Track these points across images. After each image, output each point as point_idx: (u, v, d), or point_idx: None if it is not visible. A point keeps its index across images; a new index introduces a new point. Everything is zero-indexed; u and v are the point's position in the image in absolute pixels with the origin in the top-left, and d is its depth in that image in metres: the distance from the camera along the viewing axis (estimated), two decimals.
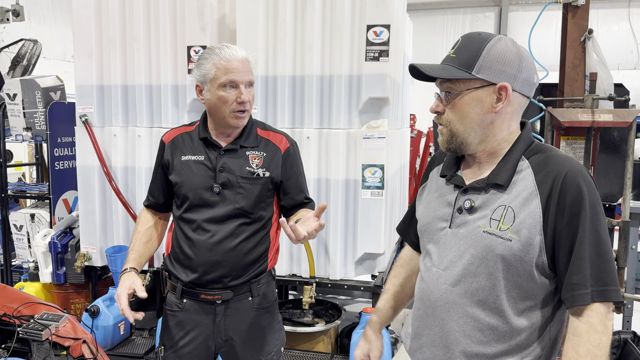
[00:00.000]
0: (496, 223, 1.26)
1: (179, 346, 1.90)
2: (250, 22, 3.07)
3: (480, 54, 1.28)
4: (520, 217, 1.23)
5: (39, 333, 1.85)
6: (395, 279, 1.66)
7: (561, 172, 1.23)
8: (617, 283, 1.22)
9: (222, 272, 1.84)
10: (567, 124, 2.91)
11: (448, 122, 1.32)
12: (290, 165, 1.92)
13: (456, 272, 1.31)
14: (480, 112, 1.29)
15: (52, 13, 9.69)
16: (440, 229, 1.37)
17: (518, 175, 1.28)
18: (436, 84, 1.34)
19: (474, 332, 1.29)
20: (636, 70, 9.82)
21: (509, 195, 1.27)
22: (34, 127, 4.10)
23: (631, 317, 3.54)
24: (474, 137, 1.31)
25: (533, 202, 1.24)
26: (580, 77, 3.14)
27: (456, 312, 1.31)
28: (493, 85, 1.27)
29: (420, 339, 1.41)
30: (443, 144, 1.35)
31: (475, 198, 1.32)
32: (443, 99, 1.33)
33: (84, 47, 3.34)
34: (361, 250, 3.07)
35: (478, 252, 1.28)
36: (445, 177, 1.42)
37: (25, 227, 4.29)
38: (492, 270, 1.26)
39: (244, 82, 1.78)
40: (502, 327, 1.27)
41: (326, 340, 3.35)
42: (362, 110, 3.00)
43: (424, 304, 1.40)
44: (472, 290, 1.29)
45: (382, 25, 2.89)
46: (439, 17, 10.85)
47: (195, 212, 1.85)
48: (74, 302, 3.75)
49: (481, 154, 1.34)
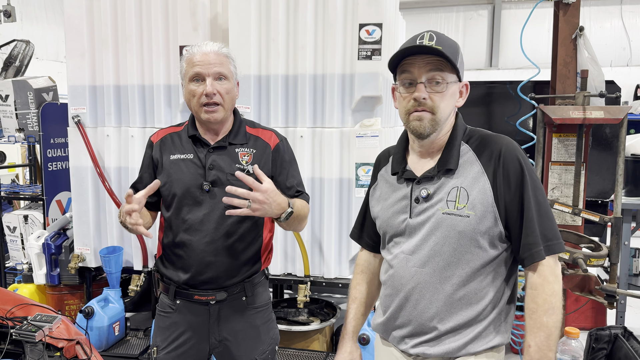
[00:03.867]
0: (453, 204, 1.39)
1: (173, 347, 1.89)
2: (243, 22, 3.06)
3: (459, 51, 1.42)
4: (473, 194, 1.37)
5: (32, 334, 1.84)
6: (359, 286, 1.71)
7: (500, 149, 1.39)
8: (560, 236, 1.38)
9: (215, 273, 1.83)
10: (558, 121, 2.93)
11: (436, 109, 1.39)
12: (281, 161, 1.91)
13: (423, 254, 1.42)
14: (453, 104, 1.43)
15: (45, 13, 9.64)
16: (402, 221, 1.47)
17: (462, 159, 1.42)
18: (416, 71, 1.39)
19: (445, 306, 1.41)
20: (628, 67, 9.87)
21: (459, 178, 1.40)
22: (27, 128, 4.08)
23: (624, 313, 3.56)
24: (443, 125, 1.43)
25: (481, 179, 1.38)
26: (572, 74, 3.15)
27: (427, 290, 1.42)
28: (459, 82, 1.44)
29: (396, 320, 1.50)
30: (425, 129, 1.41)
31: (429, 186, 1.43)
32: (427, 87, 1.39)
33: (76, 47, 3.33)
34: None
35: (441, 232, 1.39)
36: (397, 174, 1.52)
37: (18, 229, 4.28)
38: (455, 246, 1.39)
39: (210, 74, 1.76)
40: (469, 296, 1.40)
41: (321, 339, 3.35)
42: (355, 109, 3.01)
43: (395, 289, 1.48)
44: (440, 268, 1.41)
45: (374, 24, 2.90)
46: (432, 16, 10.88)
47: (185, 211, 1.83)
48: (69, 303, 3.74)
49: (435, 144, 1.46)
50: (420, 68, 1.39)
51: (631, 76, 9.20)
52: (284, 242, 3.19)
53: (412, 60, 1.39)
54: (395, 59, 1.42)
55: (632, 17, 9.96)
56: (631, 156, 4.02)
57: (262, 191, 1.62)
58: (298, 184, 1.94)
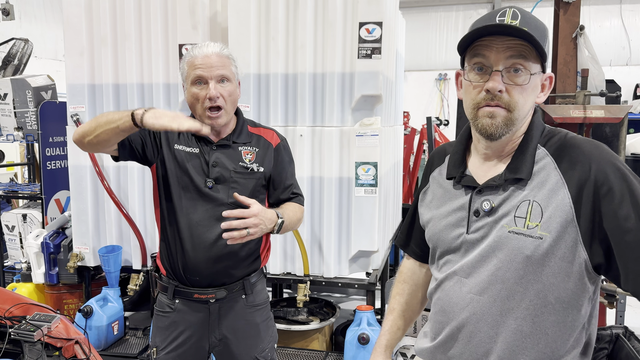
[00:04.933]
0: (522, 221, 1.12)
1: (173, 347, 1.89)
2: (242, 20, 3.05)
3: (547, 36, 1.14)
4: (549, 211, 1.10)
5: (30, 334, 1.83)
6: (399, 297, 1.51)
7: (591, 157, 1.10)
8: None
9: (215, 271, 1.83)
10: (559, 120, 2.92)
11: (514, 104, 1.13)
12: (281, 161, 1.92)
13: (481, 278, 1.18)
14: (534, 99, 1.17)
15: (44, 12, 9.61)
16: (457, 237, 1.23)
17: (537, 165, 1.15)
18: (493, 57, 1.13)
19: (505, 343, 1.17)
20: (628, 66, 9.87)
21: (532, 190, 1.13)
22: (25, 126, 4.07)
23: (624, 312, 3.55)
24: (519, 125, 1.17)
25: (560, 193, 1.10)
26: (572, 73, 3.15)
27: (485, 322, 1.18)
28: (543, 73, 1.17)
29: (447, 351, 1.27)
30: (497, 128, 1.15)
31: (494, 198, 1.17)
32: (505, 77, 1.13)
33: (75, 45, 3.32)
34: (355, 248, 3.07)
35: (505, 255, 1.14)
36: (454, 179, 1.28)
37: (17, 228, 4.27)
38: (522, 274, 1.13)
39: (212, 77, 1.74)
40: (536, 334, 1.15)
41: (321, 338, 3.35)
42: (355, 107, 3.00)
43: (447, 316, 1.25)
44: (502, 298, 1.16)
45: (374, 23, 2.89)
46: (432, 15, 10.87)
47: (186, 206, 1.82)
48: (67, 302, 3.74)
49: (507, 146, 1.20)
50: (499, 53, 1.12)
51: (631, 75, 9.20)
52: (283, 242, 3.18)
53: (489, 42, 1.13)
54: (467, 39, 1.15)
55: (631, 16, 9.96)
56: (631, 155, 4.01)
57: (255, 214, 1.63)
58: (295, 185, 1.96)
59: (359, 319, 2.95)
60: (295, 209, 1.87)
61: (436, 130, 6.32)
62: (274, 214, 1.73)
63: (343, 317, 3.79)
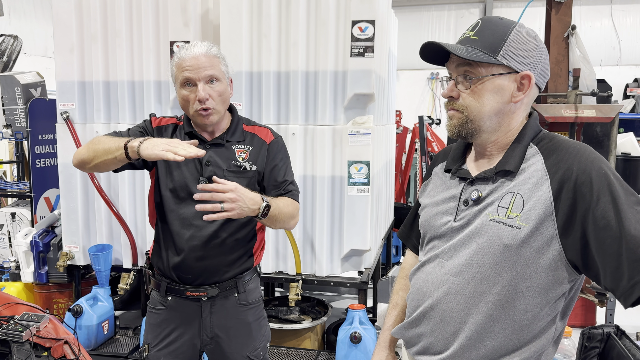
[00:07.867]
0: (504, 210, 1.19)
1: (164, 344, 1.88)
2: (234, 18, 3.04)
3: (507, 39, 1.21)
4: (530, 203, 1.16)
5: (19, 334, 1.82)
6: (402, 292, 1.55)
7: (576, 157, 1.16)
8: None
9: (208, 268, 1.82)
10: (550, 119, 2.94)
11: (465, 107, 1.25)
12: (273, 157, 1.90)
13: (460, 261, 1.25)
14: (500, 100, 1.23)
15: (33, 8, 9.52)
16: (444, 223, 1.31)
17: (527, 162, 1.22)
18: (450, 67, 1.27)
19: (475, 324, 1.22)
20: (618, 66, 9.94)
21: (518, 182, 1.20)
22: (14, 124, 4.03)
23: (614, 311, 3.58)
24: (488, 125, 1.26)
25: (543, 187, 1.16)
26: (564, 72, 3.17)
27: (457, 302, 1.24)
28: (515, 74, 1.22)
29: (417, 327, 1.33)
30: (453, 128, 1.28)
31: (483, 188, 1.25)
32: (459, 83, 1.25)
33: (65, 42, 3.28)
34: (347, 247, 3.06)
35: (484, 241, 1.21)
36: (451, 172, 1.37)
37: (6, 226, 4.23)
38: (497, 260, 1.19)
39: (200, 78, 1.73)
40: (504, 320, 1.20)
41: (313, 337, 3.34)
42: (348, 106, 2.99)
43: (424, 295, 1.32)
44: (476, 281, 1.22)
45: (367, 21, 2.88)
46: (424, 14, 10.88)
47: (179, 205, 1.82)
48: (57, 301, 3.70)
49: (492, 145, 1.29)
50: (451, 63, 1.26)
51: (621, 75, 9.26)
52: (275, 240, 3.17)
53: (451, 55, 1.27)
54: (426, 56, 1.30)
55: (622, 16, 10.03)
56: (621, 155, 4.04)
57: (232, 189, 1.59)
58: (291, 181, 1.93)
59: (351, 318, 2.95)
60: (286, 202, 1.84)
61: (428, 129, 6.33)
62: (258, 196, 1.69)
63: (335, 315, 3.79)
